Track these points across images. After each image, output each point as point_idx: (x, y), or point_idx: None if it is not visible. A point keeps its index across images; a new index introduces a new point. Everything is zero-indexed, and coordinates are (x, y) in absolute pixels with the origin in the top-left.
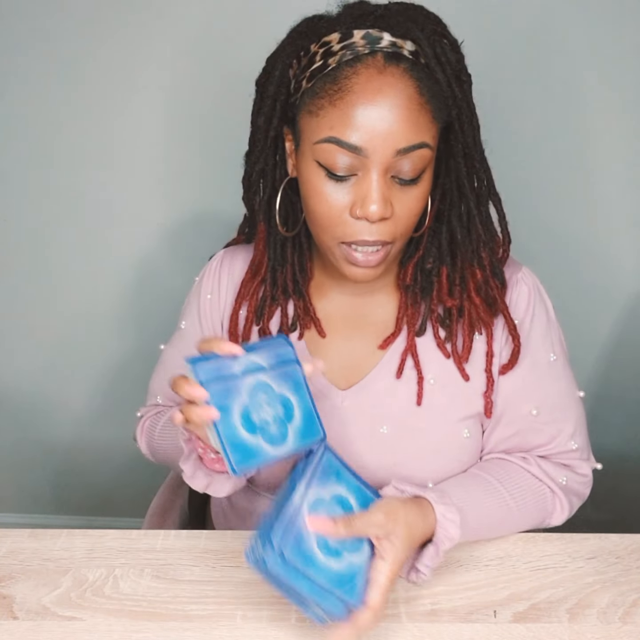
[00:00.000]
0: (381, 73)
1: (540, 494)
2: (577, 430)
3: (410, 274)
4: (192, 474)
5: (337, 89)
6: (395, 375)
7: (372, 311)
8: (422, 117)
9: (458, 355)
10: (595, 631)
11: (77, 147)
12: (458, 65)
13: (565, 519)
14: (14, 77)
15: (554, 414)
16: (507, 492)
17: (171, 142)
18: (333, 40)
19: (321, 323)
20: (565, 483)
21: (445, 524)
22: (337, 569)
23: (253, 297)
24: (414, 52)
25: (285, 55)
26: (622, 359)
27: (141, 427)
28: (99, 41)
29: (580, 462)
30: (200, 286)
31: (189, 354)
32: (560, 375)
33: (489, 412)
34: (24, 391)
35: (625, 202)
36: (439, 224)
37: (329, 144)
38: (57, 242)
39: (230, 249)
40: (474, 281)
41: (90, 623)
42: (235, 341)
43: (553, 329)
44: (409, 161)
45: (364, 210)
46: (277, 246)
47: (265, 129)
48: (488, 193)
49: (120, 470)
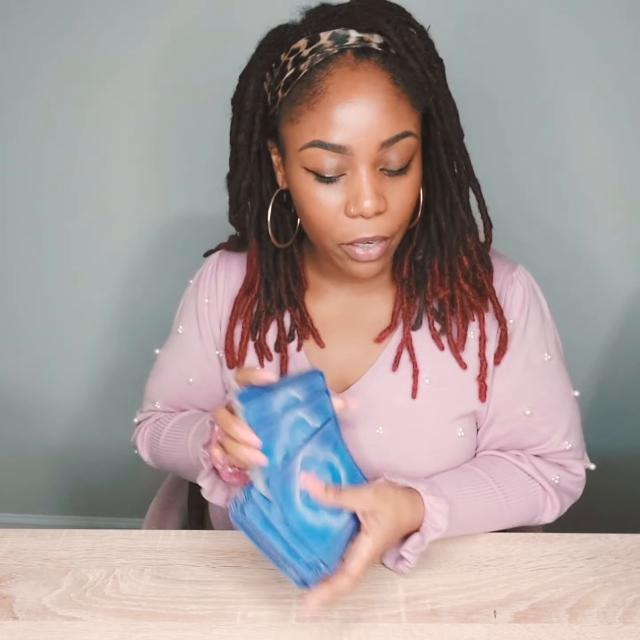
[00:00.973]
0: (354, 69)
1: (532, 491)
2: (571, 430)
3: (406, 267)
4: (211, 490)
5: (312, 92)
6: (391, 368)
7: (369, 311)
8: (401, 107)
9: (454, 344)
10: (595, 631)
11: (68, 150)
12: (428, 52)
13: (555, 517)
14: (5, 77)
15: (548, 414)
16: (498, 487)
17: (162, 144)
18: (301, 46)
19: (319, 333)
20: (558, 482)
21: (433, 514)
22: (312, 522)
23: (247, 314)
24: (382, 44)
25: (257, 69)
26: (622, 359)
27: (141, 437)
28: (89, 41)
29: (574, 462)
30: (196, 290)
31: (188, 359)
32: (554, 376)
33: (484, 395)
34: (23, 391)
35: (625, 201)
36: (426, 214)
37: (313, 148)
38: (51, 244)
39: (224, 252)
40: (462, 268)
41: (90, 623)
42: (232, 359)
43: (548, 329)
44: (395, 152)
45: (358, 207)
46: (269, 260)
47: (246, 144)
48: (468, 179)
49: (120, 470)
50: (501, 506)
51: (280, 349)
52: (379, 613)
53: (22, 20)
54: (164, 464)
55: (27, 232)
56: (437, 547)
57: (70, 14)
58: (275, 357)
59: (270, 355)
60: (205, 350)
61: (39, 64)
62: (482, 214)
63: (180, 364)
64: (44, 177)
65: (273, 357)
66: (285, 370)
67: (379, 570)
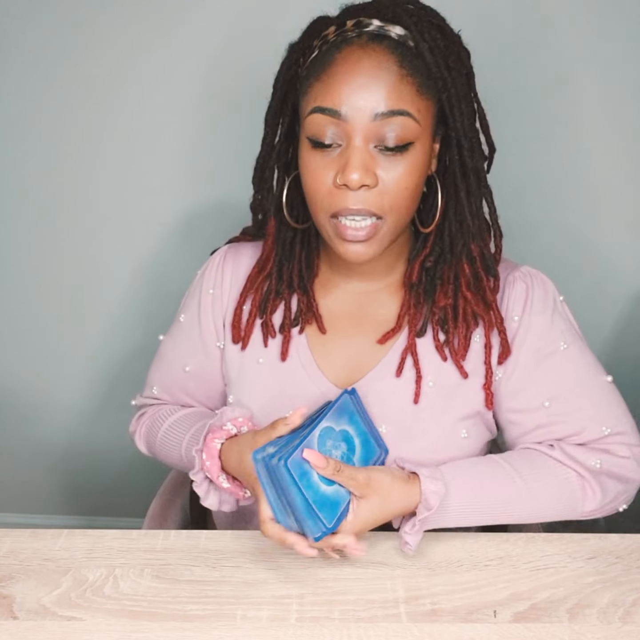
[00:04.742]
0: (362, 48)
1: (562, 478)
2: (608, 414)
3: (416, 272)
4: (206, 495)
5: (322, 66)
6: (395, 374)
7: (375, 310)
8: (403, 88)
9: (455, 353)
10: (595, 631)
11: (80, 144)
12: (447, 51)
13: (599, 505)
14: (16, 75)
15: (573, 402)
16: (515, 472)
17: (184, 137)
18: (330, 32)
19: (323, 319)
20: (600, 467)
21: (427, 494)
22: (325, 490)
23: (258, 291)
24: (402, 35)
25: (293, 53)
26: (622, 359)
27: (139, 432)
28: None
29: (620, 447)
30: (202, 280)
31: (186, 347)
32: (575, 363)
33: (490, 403)
34: (24, 391)
35: (626, 201)
36: (444, 221)
37: (314, 114)
38: (60, 238)
39: (233, 245)
40: (464, 276)
41: (90, 623)
42: (238, 335)
43: (561, 319)
44: (391, 128)
45: (344, 177)
46: (286, 242)
47: (273, 123)
48: (478, 184)
49: (120, 470)
50: (519, 491)
51: (284, 330)
52: (379, 613)
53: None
54: (161, 459)
55: (36, 229)
56: (437, 547)
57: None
58: (278, 336)
59: (274, 333)
60: (203, 340)
61: (56, 59)
62: (492, 223)
63: (179, 351)
64: (53, 172)
65: (276, 336)
66: (286, 349)
67: (379, 570)
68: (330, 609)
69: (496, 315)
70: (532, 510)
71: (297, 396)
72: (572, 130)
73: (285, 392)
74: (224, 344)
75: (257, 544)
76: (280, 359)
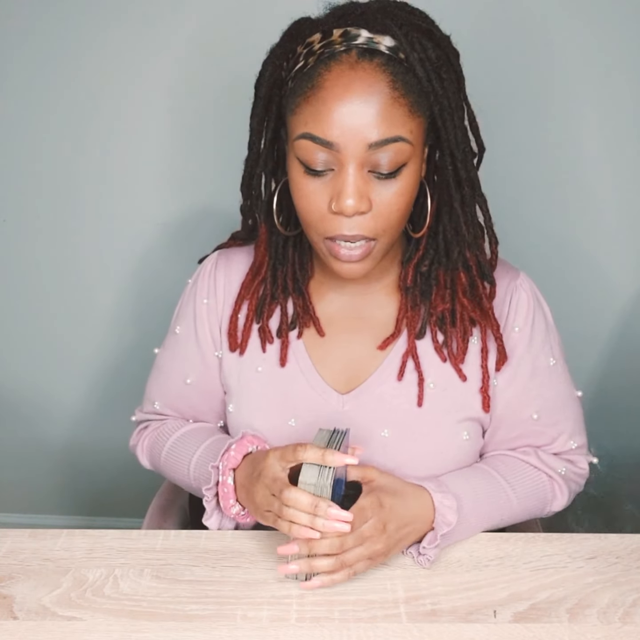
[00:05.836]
0: (352, 69)
1: (539, 482)
2: (576, 430)
3: (410, 276)
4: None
5: (310, 86)
6: (396, 377)
7: (372, 313)
8: (396, 111)
9: (454, 357)
10: (595, 631)
11: (76, 145)
12: (438, 62)
13: (565, 505)
14: (13, 75)
15: (554, 416)
16: (504, 480)
17: (172, 141)
18: (315, 40)
19: (320, 322)
20: (564, 473)
21: (443, 510)
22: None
23: (253, 296)
24: (392, 47)
25: (275, 57)
26: (622, 359)
27: (140, 446)
28: (102, 38)
29: (579, 457)
30: (194, 289)
31: (185, 359)
32: (560, 379)
33: (487, 406)
34: (23, 391)
35: (625, 202)
36: (436, 224)
37: (304, 140)
38: (56, 240)
39: (224, 251)
40: (461, 284)
41: (90, 623)
42: (235, 342)
43: (552, 333)
44: (385, 155)
45: (339, 205)
46: (278, 246)
47: (258, 130)
48: (473, 193)
49: (120, 470)
50: (509, 498)
51: (281, 335)
52: (379, 613)
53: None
54: (166, 477)
55: (31, 231)
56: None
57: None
58: (276, 341)
59: (272, 339)
60: (202, 351)
61: (52, 60)
62: (487, 230)
63: (178, 364)
64: (50, 173)
65: (274, 341)
66: (285, 355)
67: (379, 570)
68: (330, 609)
69: (492, 322)
70: (516, 514)
71: (298, 402)
72: (567, 135)
73: (285, 398)
74: (221, 352)
75: (257, 544)
76: (279, 364)
